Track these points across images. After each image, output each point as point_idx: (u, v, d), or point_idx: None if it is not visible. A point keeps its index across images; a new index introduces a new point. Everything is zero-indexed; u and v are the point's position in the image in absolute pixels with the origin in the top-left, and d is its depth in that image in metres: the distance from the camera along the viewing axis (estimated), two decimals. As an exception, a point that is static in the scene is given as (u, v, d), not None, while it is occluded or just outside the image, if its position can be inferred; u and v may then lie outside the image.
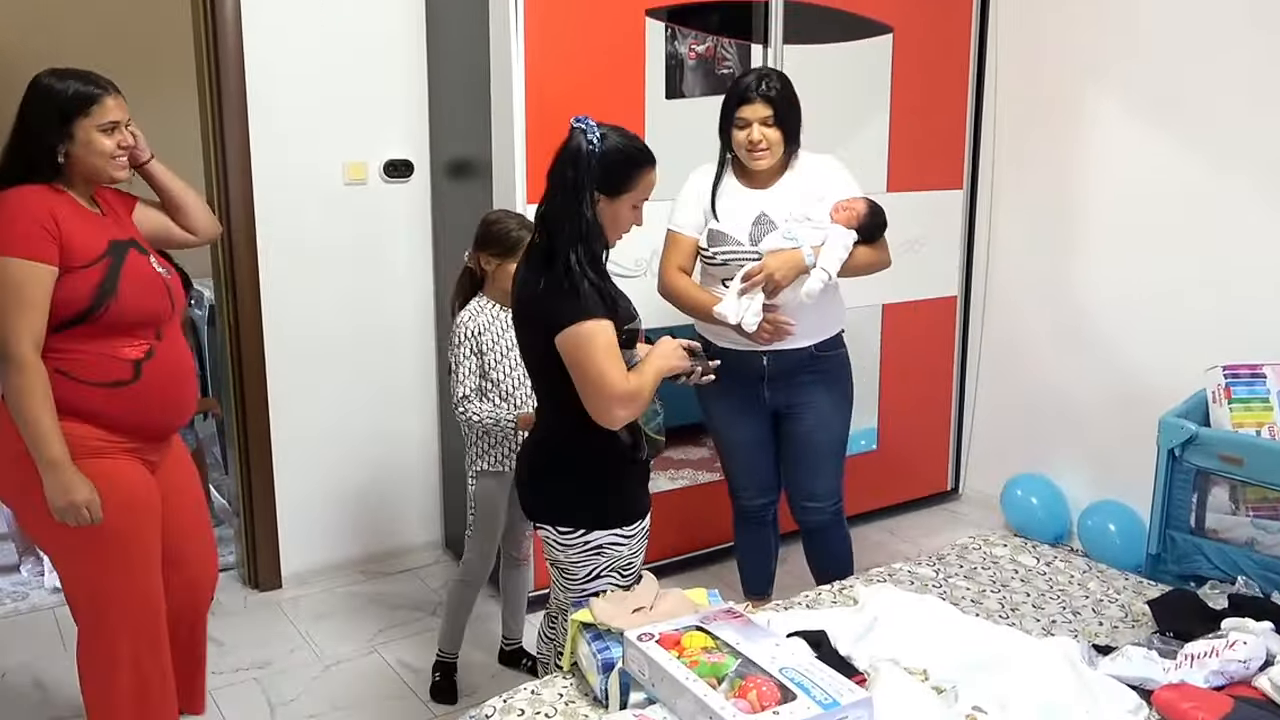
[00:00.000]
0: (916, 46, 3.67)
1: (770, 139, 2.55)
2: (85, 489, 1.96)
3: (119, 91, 2.04)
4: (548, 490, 2.06)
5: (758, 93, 2.53)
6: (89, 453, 1.99)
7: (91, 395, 1.98)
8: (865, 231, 2.58)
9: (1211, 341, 3.19)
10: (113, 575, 2.07)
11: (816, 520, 2.79)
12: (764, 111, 2.53)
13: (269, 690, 2.84)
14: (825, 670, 1.62)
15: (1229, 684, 1.81)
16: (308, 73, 3.22)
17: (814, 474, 2.76)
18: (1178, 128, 3.42)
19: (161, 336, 2.08)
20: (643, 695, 1.70)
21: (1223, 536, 2.78)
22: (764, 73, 2.60)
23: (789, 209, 2.59)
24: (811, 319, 2.60)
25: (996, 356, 4.11)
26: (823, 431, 2.73)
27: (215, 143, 3.17)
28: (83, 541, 2.01)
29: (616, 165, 1.95)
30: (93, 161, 2.01)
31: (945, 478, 4.22)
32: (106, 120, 2.00)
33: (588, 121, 1.94)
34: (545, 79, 2.96)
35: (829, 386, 2.72)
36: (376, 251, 3.44)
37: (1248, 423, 2.79)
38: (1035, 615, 2.23)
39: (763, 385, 2.69)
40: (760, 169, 2.60)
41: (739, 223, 2.60)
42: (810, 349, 2.66)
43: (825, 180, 2.64)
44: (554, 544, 2.06)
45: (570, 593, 2.08)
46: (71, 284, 1.94)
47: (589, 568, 2.04)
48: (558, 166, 1.95)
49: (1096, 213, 3.69)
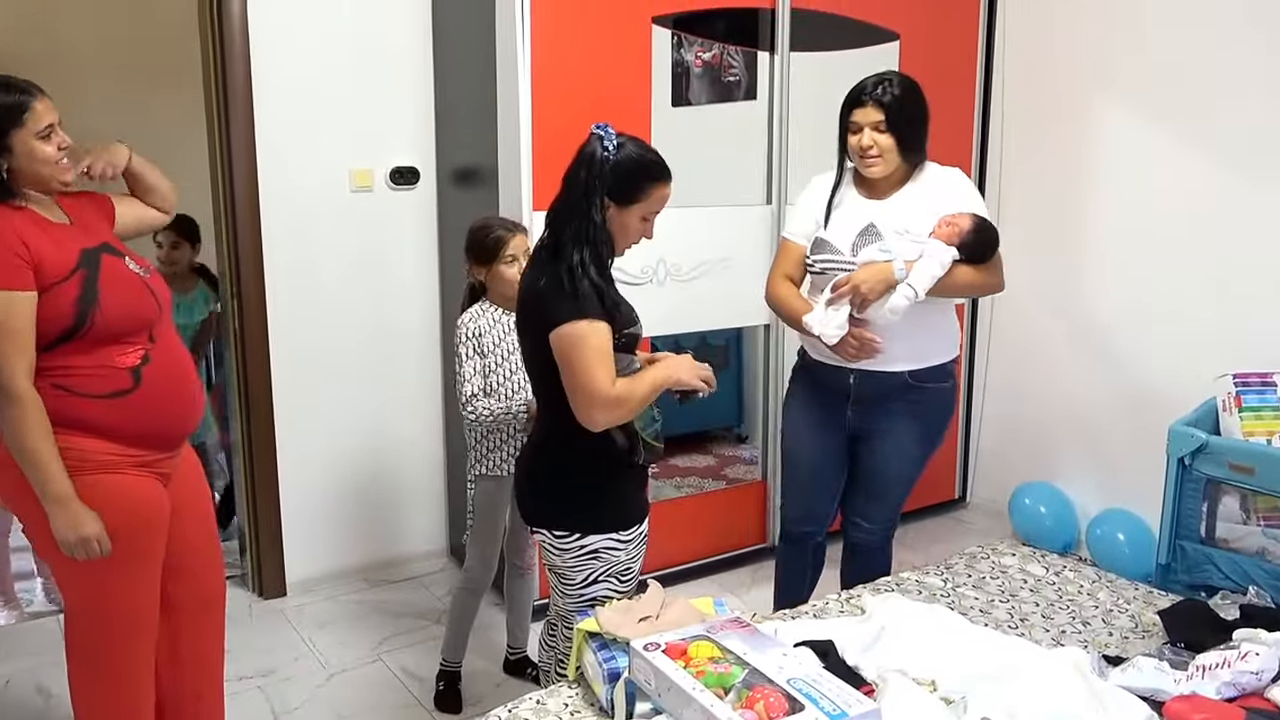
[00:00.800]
0: (923, 53, 3.66)
1: (882, 145, 2.41)
2: (93, 523, 1.92)
3: (44, 92, 1.96)
4: (543, 494, 2.07)
5: (871, 96, 2.41)
6: (99, 468, 1.95)
7: (94, 408, 1.94)
8: (969, 250, 2.40)
9: (1221, 349, 3.18)
10: (116, 593, 2.04)
11: (864, 540, 2.70)
12: (875, 116, 2.40)
13: (273, 699, 2.83)
14: (833, 680, 1.61)
15: (1241, 695, 1.79)
16: (314, 80, 3.22)
17: (874, 499, 2.66)
18: (1185, 134, 3.40)
19: (155, 339, 2.03)
20: (649, 705, 1.69)
21: (1233, 546, 2.75)
22: (884, 76, 2.44)
23: (902, 222, 2.44)
24: (908, 342, 2.44)
25: (1004, 363, 4.09)
26: (897, 462, 2.60)
27: (222, 150, 3.17)
28: (88, 561, 1.98)
29: (629, 174, 1.96)
30: (37, 170, 1.94)
31: (953, 486, 4.21)
32: (42, 126, 1.93)
33: (607, 129, 1.95)
34: (551, 86, 2.96)
35: (918, 419, 2.55)
36: (382, 259, 3.44)
37: (1258, 431, 2.77)
38: (1044, 625, 2.21)
39: (848, 405, 2.55)
40: (874, 176, 2.46)
41: (844, 232, 2.48)
42: (905, 375, 2.49)
43: (946, 194, 2.48)
44: (551, 549, 2.06)
45: (569, 599, 2.08)
46: (51, 302, 1.89)
47: (586, 572, 2.04)
48: (572, 169, 1.97)
49: (1105, 219, 3.67)
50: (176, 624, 2.20)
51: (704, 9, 3.26)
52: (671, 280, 3.28)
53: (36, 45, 4.23)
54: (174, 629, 2.20)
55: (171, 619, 2.19)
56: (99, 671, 2.09)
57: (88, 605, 2.06)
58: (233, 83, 3.11)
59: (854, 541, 2.74)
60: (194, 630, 2.24)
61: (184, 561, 2.18)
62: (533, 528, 2.10)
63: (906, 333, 2.41)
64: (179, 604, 2.19)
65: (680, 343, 3.46)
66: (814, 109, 3.44)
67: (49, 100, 1.96)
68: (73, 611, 2.08)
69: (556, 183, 2.78)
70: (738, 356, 3.98)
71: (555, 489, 2.05)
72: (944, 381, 2.57)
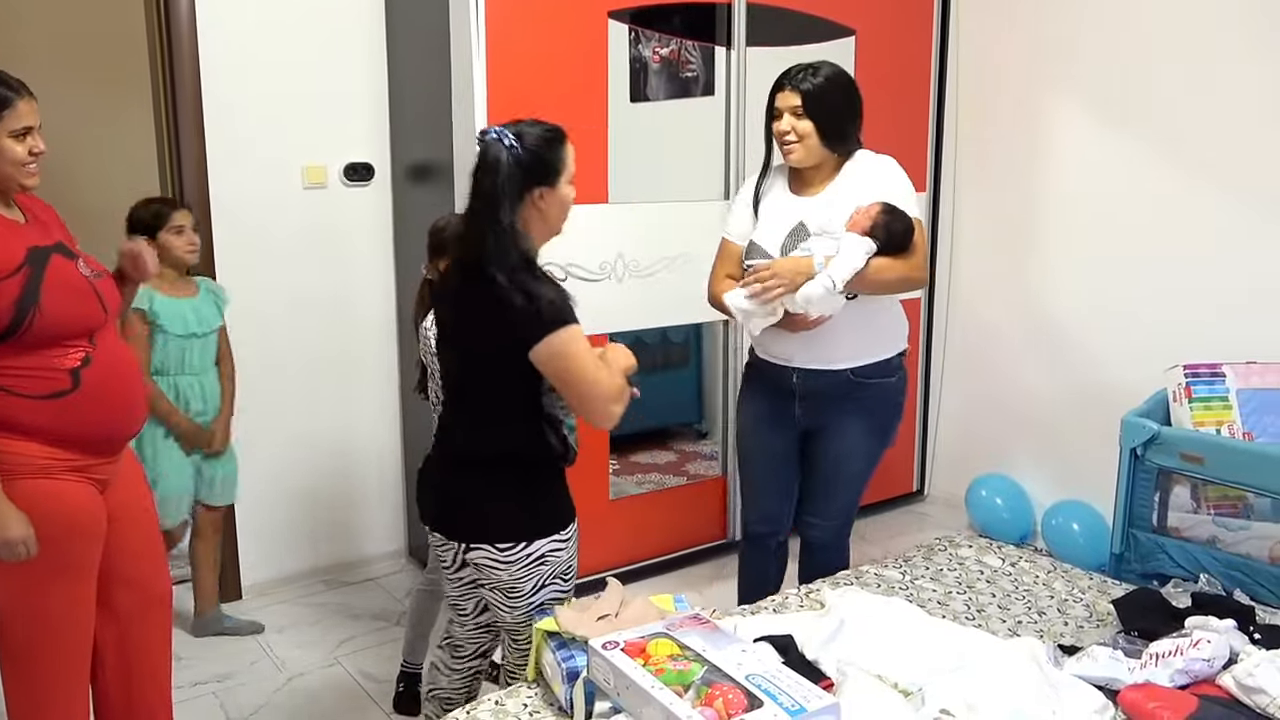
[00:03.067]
0: (879, 49, 3.69)
1: (800, 130, 2.36)
2: (20, 526, 1.87)
3: (32, 95, 1.92)
4: (479, 510, 1.98)
5: (792, 81, 2.37)
6: (34, 472, 1.90)
7: (31, 409, 1.89)
8: (882, 239, 2.33)
9: (1172, 341, 3.23)
10: (45, 599, 1.99)
11: (818, 538, 2.68)
12: (794, 101, 2.36)
13: (228, 704, 2.79)
14: (792, 676, 1.61)
15: (1193, 683, 1.82)
16: (265, 73, 3.17)
17: (825, 496, 2.64)
18: (1139, 129, 3.45)
19: (96, 342, 1.98)
20: (608, 704, 1.68)
21: (1185, 535, 2.80)
22: (813, 64, 2.40)
23: (826, 219, 2.39)
24: (850, 339, 2.43)
25: (960, 358, 4.13)
26: (848, 460, 2.57)
27: (170, 146, 3.12)
28: (18, 564, 1.93)
29: (543, 152, 1.90)
30: (2, 169, 1.89)
31: (911, 479, 4.24)
32: (20, 126, 1.88)
33: (495, 129, 1.90)
34: (507, 82, 2.93)
35: (865, 416, 2.52)
36: (337, 256, 3.40)
37: (1208, 421, 2.82)
38: (1001, 616, 2.23)
39: (795, 403, 2.53)
40: (793, 163, 2.43)
41: (774, 233, 2.45)
42: (847, 373, 2.46)
43: (875, 185, 2.41)
44: (494, 564, 1.97)
45: (517, 610, 2.02)
46: None
47: (534, 580, 1.98)
48: (478, 178, 1.91)
49: (1059, 214, 3.72)
50: (121, 631, 2.16)
51: (661, 4, 3.25)
52: (630, 276, 3.27)
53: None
54: (119, 635, 2.16)
55: (115, 626, 2.15)
56: (27, 675, 2.04)
57: (15, 610, 2.00)
58: (181, 78, 3.05)
59: (808, 539, 2.72)
60: (140, 637, 2.19)
61: (125, 568, 2.13)
62: (470, 544, 1.99)
63: (848, 330, 2.40)
64: (123, 611, 2.15)
65: (641, 338, 3.46)
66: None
67: (34, 104, 1.92)
68: (2, 618, 2.02)
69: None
70: (697, 353, 3.98)
71: (491, 503, 1.97)
72: (889, 377, 2.54)
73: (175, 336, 2.86)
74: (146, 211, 2.87)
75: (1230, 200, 3.25)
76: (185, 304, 2.90)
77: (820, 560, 2.69)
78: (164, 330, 2.84)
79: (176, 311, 2.86)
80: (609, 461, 3.41)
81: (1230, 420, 2.82)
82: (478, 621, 2.17)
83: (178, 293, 2.89)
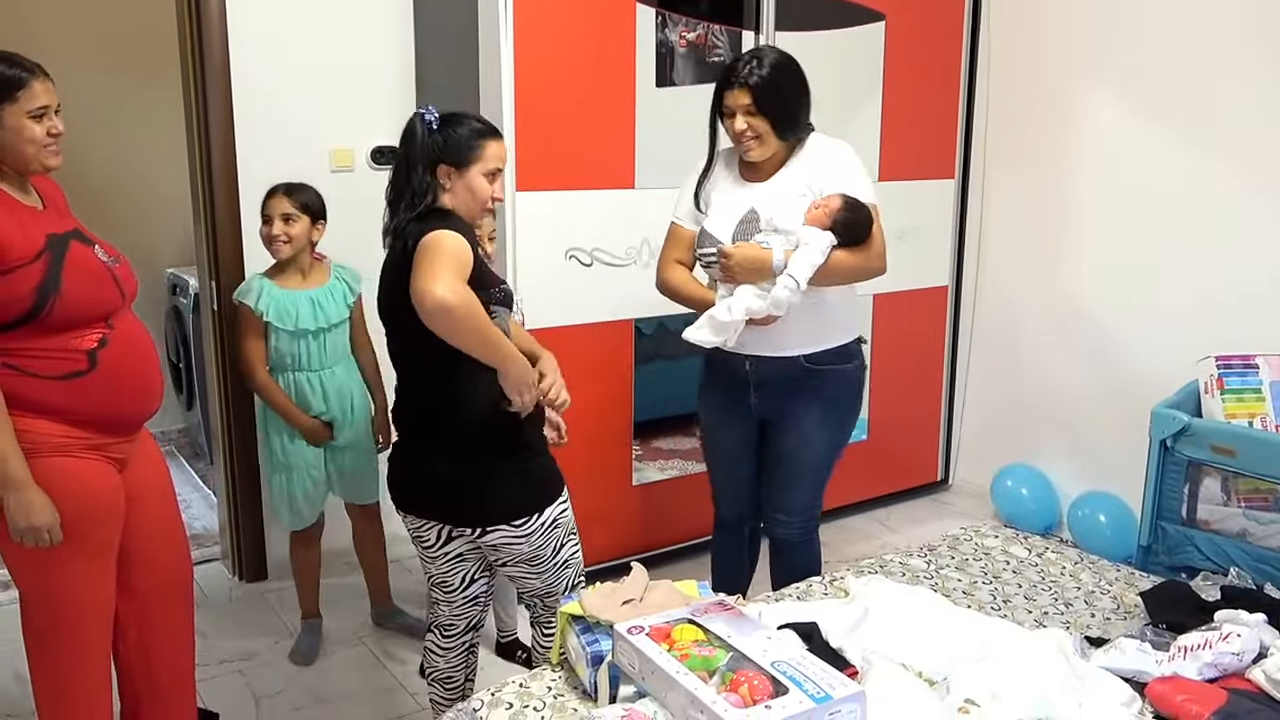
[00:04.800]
0: (909, 34, 3.65)
1: (757, 128, 2.34)
2: (48, 512, 1.90)
3: (48, 75, 1.93)
4: (485, 495, 2.03)
5: (738, 78, 2.33)
6: (51, 450, 1.92)
7: (49, 389, 1.91)
8: (843, 232, 2.31)
9: (1203, 332, 3.19)
10: (65, 579, 2.01)
11: (784, 534, 2.65)
12: (744, 99, 2.32)
13: (254, 683, 2.81)
14: (817, 663, 1.60)
15: (1222, 676, 1.80)
16: (294, 57, 3.18)
17: (786, 489, 2.60)
18: (1171, 119, 3.41)
19: (113, 324, 2.00)
20: (633, 689, 1.68)
21: (1214, 528, 2.77)
22: (751, 55, 2.36)
23: (778, 208, 2.37)
24: (803, 326, 2.41)
25: (987, 347, 4.10)
26: (804, 449, 2.54)
27: (200, 129, 3.13)
28: (39, 548, 1.96)
29: (457, 137, 2.05)
30: (22, 149, 1.90)
31: (935, 468, 4.22)
32: (36, 106, 1.90)
33: (429, 108, 2.07)
34: (534, 66, 2.93)
35: (821, 403, 2.50)
36: (363, 238, 3.38)
37: (1240, 413, 2.79)
38: (1027, 607, 2.21)
39: (749, 392, 2.53)
40: (755, 160, 2.41)
41: (725, 222, 2.43)
42: (800, 359, 2.45)
43: (828, 171, 2.39)
44: (513, 540, 2.05)
45: (545, 574, 2.13)
46: (10, 285, 1.85)
47: (554, 544, 2.11)
48: (398, 149, 2.09)
49: (1088, 203, 3.68)
50: (141, 609, 2.19)
51: (689, -12, 3.23)
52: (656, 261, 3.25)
53: (7, 25, 4.15)
54: (139, 614, 2.19)
55: (136, 605, 2.18)
56: (51, 655, 2.07)
57: (37, 591, 2.04)
58: (211, 62, 3.06)
59: (774, 537, 2.68)
60: (160, 616, 2.23)
61: (144, 548, 2.16)
62: (485, 529, 2.05)
63: (799, 316, 2.36)
64: (143, 590, 2.18)
65: (665, 324, 3.45)
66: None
67: (50, 84, 1.93)
68: (24, 597, 2.06)
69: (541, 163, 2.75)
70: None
71: (489, 484, 2.03)
72: (846, 364, 2.51)
73: (285, 333, 2.74)
74: None
75: (1263, 191, 3.20)
76: (301, 297, 2.75)
77: (787, 560, 2.67)
78: (274, 327, 2.72)
79: (287, 307, 2.73)
80: (632, 447, 3.41)
81: (1263, 412, 2.78)
82: (466, 594, 2.21)
83: (295, 285, 2.76)
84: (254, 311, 2.71)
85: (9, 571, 2.09)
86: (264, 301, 2.72)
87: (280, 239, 2.72)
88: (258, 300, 2.72)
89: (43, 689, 2.10)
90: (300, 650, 2.94)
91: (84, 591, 2.05)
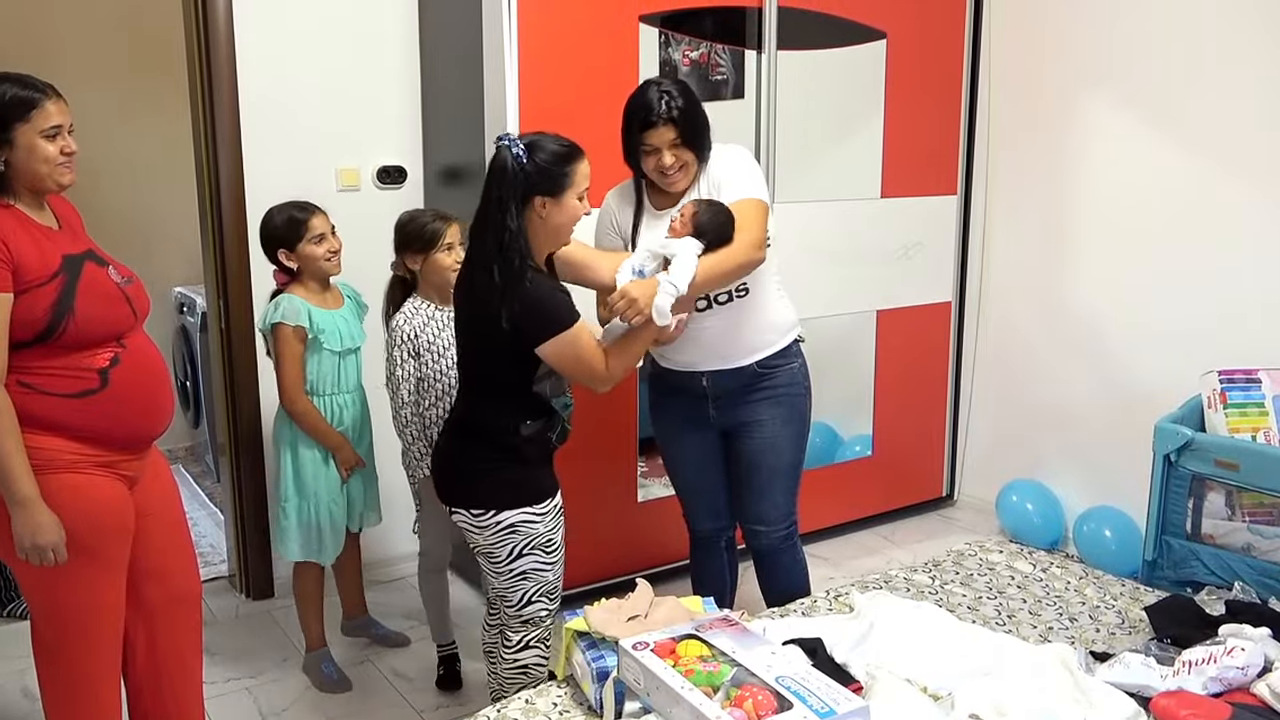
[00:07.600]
0: (910, 52, 3.67)
1: (684, 158, 2.34)
2: (53, 532, 1.91)
3: (60, 95, 1.96)
4: (457, 476, 2.20)
5: (659, 115, 2.29)
6: (62, 467, 1.94)
7: (60, 406, 1.93)
8: (709, 231, 2.28)
9: (1207, 347, 3.19)
10: (74, 595, 2.02)
11: (765, 544, 2.63)
12: (670, 135, 2.30)
13: (260, 700, 2.82)
14: (822, 679, 1.61)
15: (1227, 691, 1.80)
16: (300, 78, 3.21)
17: (761, 496, 2.59)
18: (1173, 133, 3.42)
19: (125, 343, 2.02)
20: (638, 704, 1.69)
21: (1219, 542, 2.77)
22: (662, 90, 2.32)
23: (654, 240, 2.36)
24: (746, 336, 2.47)
25: (991, 362, 4.10)
26: (770, 453, 2.55)
27: (208, 149, 3.16)
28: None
29: (550, 164, 2.05)
30: (36, 169, 1.92)
31: (940, 484, 4.22)
32: (49, 125, 1.92)
33: (510, 136, 2.04)
34: (538, 85, 2.95)
35: (778, 403, 2.53)
36: (370, 258, 3.41)
37: (1243, 428, 2.79)
38: (1032, 622, 2.22)
39: (708, 404, 2.54)
40: (679, 190, 2.42)
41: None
42: (752, 366, 2.49)
43: (718, 179, 2.39)
44: (470, 528, 2.18)
45: (500, 575, 2.19)
46: (26, 305, 1.87)
47: (509, 547, 2.15)
48: (486, 183, 2.07)
49: (1091, 218, 3.69)
50: (150, 625, 2.20)
51: (692, 7, 3.26)
52: (660, 279, 3.27)
53: (18, 46, 4.19)
54: (148, 630, 2.20)
55: (145, 621, 2.19)
56: (61, 671, 2.08)
57: (47, 607, 2.05)
58: (219, 82, 3.09)
59: (756, 548, 2.67)
60: (169, 632, 2.23)
61: (154, 563, 2.17)
62: (451, 509, 2.20)
63: (743, 327, 2.45)
64: (151, 606, 2.19)
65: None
66: (802, 107, 3.45)
67: (64, 104, 1.96)
68: (34, 612, 2.07)
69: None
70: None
71: (467, 470, 2.17)
72: (791, 362, 2.56)
73: (330, 353, 2.68)
74: (280, 220, 2.65)
75: (1267, 204, 3.21)
76: (336, 316, 2.70)
77: (774, 569, 2.67)
78: (323, 347, 2.66)
79: (333, 325, 2.68)
80: (637, 464, 3.42)
81: (1267, 426, 2.79)
82: (511, 568, 2.19)
83: (330, 305, 2.70)
84: (308, 332, 2.63)
85: (21, 589, 2.10)
86: (317, 320, 2.65)
87: (339, 254, 2.70)
88: (311, 320, 2.64)
89: (52, 706, 2.11)
90: (331, 679, 2.86)
91: (94, 607, 2.06)
